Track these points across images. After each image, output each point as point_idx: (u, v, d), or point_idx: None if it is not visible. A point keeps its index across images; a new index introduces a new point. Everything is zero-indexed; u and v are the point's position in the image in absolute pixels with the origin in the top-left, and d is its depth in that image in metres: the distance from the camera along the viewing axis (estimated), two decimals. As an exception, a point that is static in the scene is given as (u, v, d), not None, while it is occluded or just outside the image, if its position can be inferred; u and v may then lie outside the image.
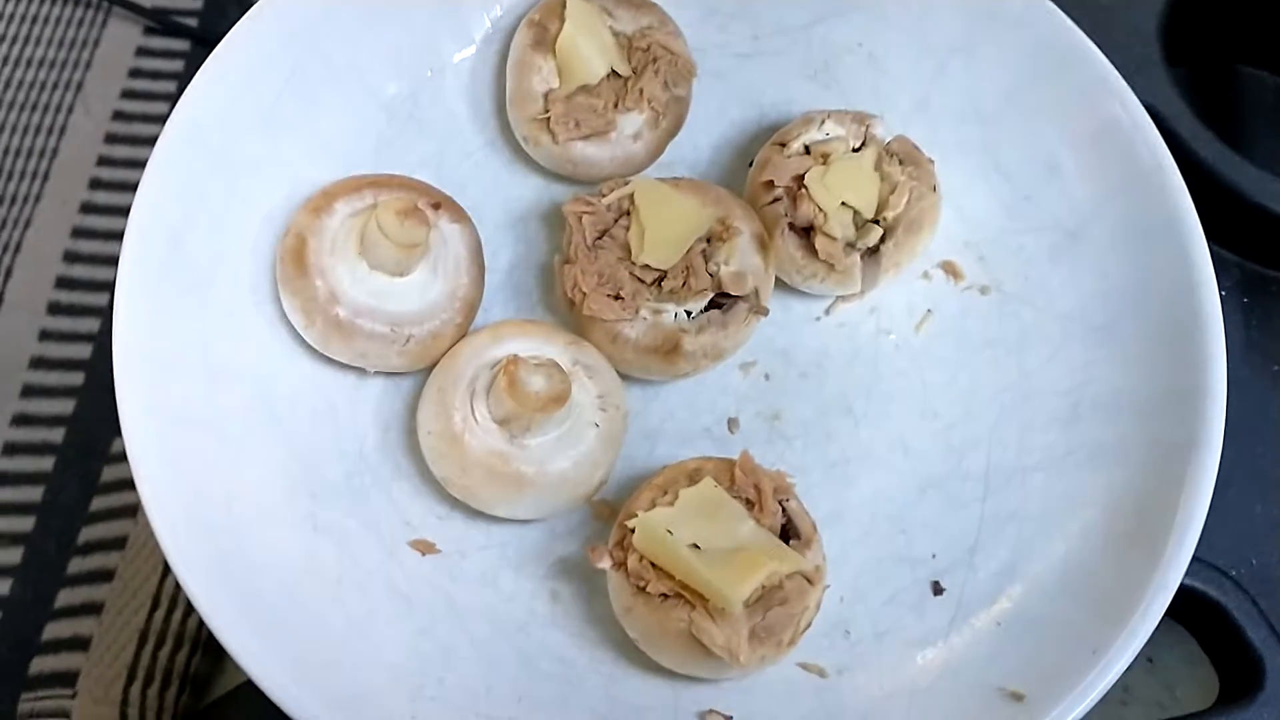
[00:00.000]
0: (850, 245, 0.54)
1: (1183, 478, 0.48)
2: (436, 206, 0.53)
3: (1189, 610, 0.54)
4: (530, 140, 0.56)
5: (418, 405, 0.51)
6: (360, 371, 0.52)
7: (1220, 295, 0.52)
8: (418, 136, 0.57)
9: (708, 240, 0.53)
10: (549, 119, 0.55)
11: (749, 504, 0.48)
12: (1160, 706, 0.56)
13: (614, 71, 0.56)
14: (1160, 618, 0.45)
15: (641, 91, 0.56)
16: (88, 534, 0.58)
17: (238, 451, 0.48)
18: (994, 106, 0.57)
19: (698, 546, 0.46)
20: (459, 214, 0.53)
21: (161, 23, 0.76)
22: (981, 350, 0.55)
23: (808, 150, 0.55)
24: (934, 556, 0.51)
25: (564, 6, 0.55)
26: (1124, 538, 0.48)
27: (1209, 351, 0.49)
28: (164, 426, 0.46)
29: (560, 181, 0.57)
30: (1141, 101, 0.55)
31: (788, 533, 0.48)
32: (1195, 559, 0.47)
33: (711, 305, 0.52)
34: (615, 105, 0.56)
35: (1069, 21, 0.55)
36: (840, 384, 0.55)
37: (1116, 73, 0.55)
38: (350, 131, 0.55)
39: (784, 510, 0.48)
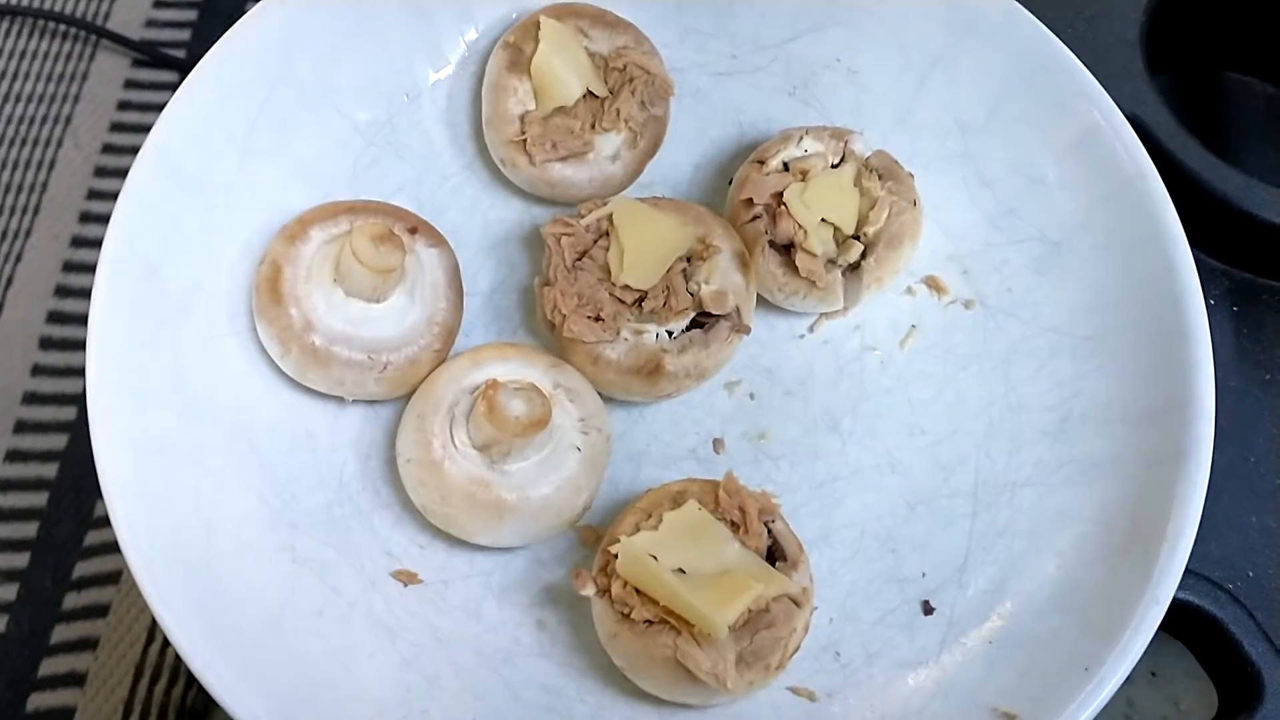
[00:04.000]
0: (831, 262, 0.54)
1: (1173, 490, 0.47)
2: (413, 231, 0.52)
3: (1185, 625, 0.53)
4: (508, 163, 0.56)
5: (397, 433, 0.50)
6: (339, 400, 0.51)
7: (1209, 304, 0.51)
8: (395, 161, 0.56)
9: (688, 259, 0.53)
10: (526, 141, 0.55)
11: (734, 526, 0.47)
12: (1164, 721, 0.56)
13: (590, 92, 0.56)
14: (1153, 634, 0.45)
15: (618, 112, 0.55)
16: (82, 569, 0.58)
17: (215, 483, 0.48)
18: (975, 118, 0.57)
19: (683, 571, 0.45)
20: (436, 238, 0.53)
21: (149, 55, 0.76)
22: (967, 365, 0.54)
23: (786, 167, 0.55)
24: (924, 575, 0.50)
25: (539, 28, 0.55)
26: (1115, 553, 0.47)
27: (1196, 362, 0.49)
28: (139, 459, 0.46)
29: (539, 203, 0.57)
30: (1124, 110, 0.54)
31: (774, 554, 0.47)
32: (1189, 572, 0.47)
33: (693, 325, 0.52)
34: (592, 126, 0.55)
35: (1048, 31, 0.55)
36: (826, 402, 0.54)
37: (1096, 82, 0.54)
38: (327, 157, 0.55)
39: (770, 531, 0.48)
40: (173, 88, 0.75)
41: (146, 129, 0.74)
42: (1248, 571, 0.54)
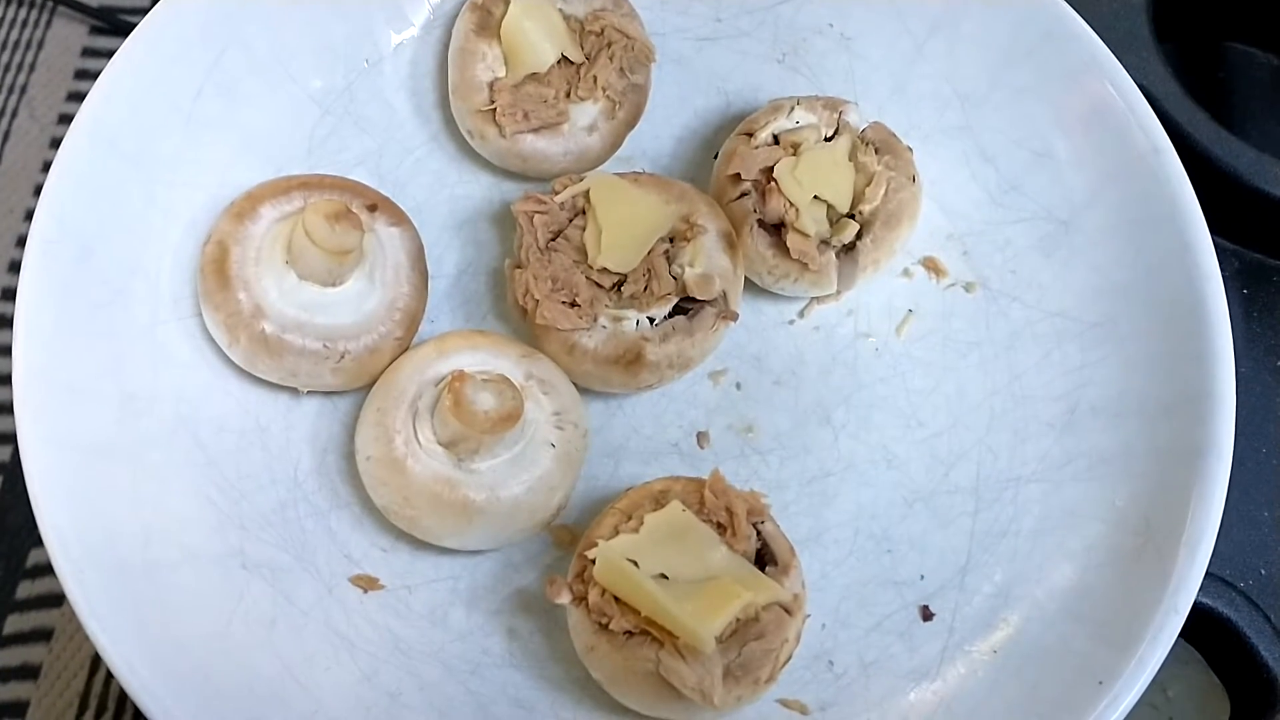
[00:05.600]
0: (824, 242, 0.51)
1: (1190, 489, 0.45)
2: (372, 208, 0.49)
3: (1196, 628, 0.51)
4: (476, 134, 0.53)
5: (356, 427, 0.47)
6: (292, 392, 0.48)
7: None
8: (354, 132, 0.53)
9: (670, 240, 0.50)
10: (495, 111, 0.52)
11: (720, 528, 0.45)
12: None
13: (565, 58, 0.53)
14: (1171, 644, 0.42)
15: (595, 79, 0.53)
16: (25, 589, 0.54)
17: (156, 483, 0.44)
18: (977, 89, 0.54)
19: (665, 577, 0.43)
20: (398, 216, 0.50)
21: (108, 22, 0.74)
22: (968, 352, 0.52)
23: (776, 140, 0.52)
24: (922, 578, 0.48)
25: None
26: (1128, 556, 0.45)
27: (1215, 351, 0.46)
28: (70, 458, 0.43)
29: (510, 179, 0.54)
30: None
31: (763, 558, 0.45)
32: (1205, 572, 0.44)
33: (676, 311, 0.50)
34: (567, 95, 0.53)
35: None
36: (817, 392, 0.52)
37: (1108, 50, 0.52)
38: (279, 128, 0.52)
39: (759, 534, 0.45)
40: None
41: (105, 98, 0.76)
42: (1260, 569, 0.52)
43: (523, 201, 0.50)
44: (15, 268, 0.64)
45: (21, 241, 0.65)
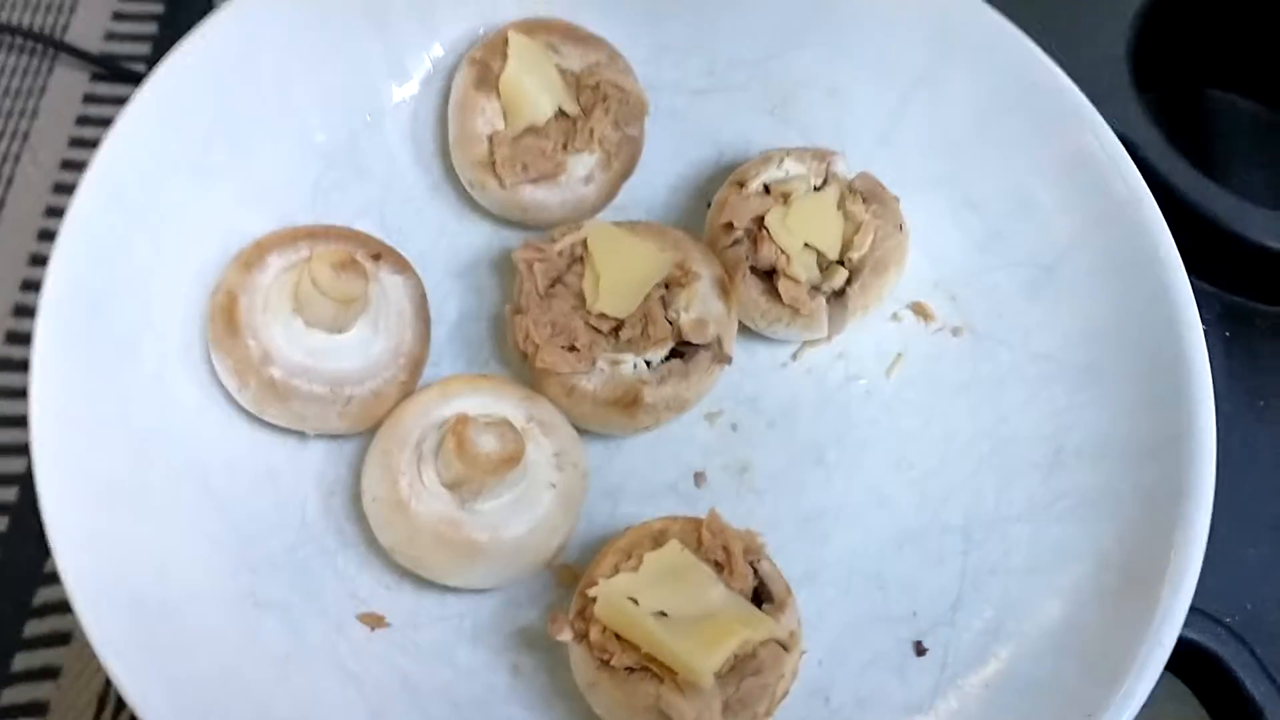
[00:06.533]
0: (815, 288, 0.53)
1: (1173, 530, 0.46)
2: (376, 257, 0.50)
3: (1183, 662, 0.52)
4: (476, 185, 0.54)
5: (362, 469, 0.48)
6: (300, 435, 0.49)
7: (1202, 330, 0.50)
8: (357, 183, 0.55)
9: (666, 286, 0.52)
10: (495, 162, 0.53)
11: (718, 566, 0.46)
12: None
13: (562, 111, 0.54)
14: (1157, 677, 0.43)
15: (592, 131, 0.54)
16: (33, 627, 0.55)
17: (169, 525, 0.46)
18: (961, 139, 0.56)
19: (665, 614, 0.44)
20: (401, 264, 0.51)
21: (109, 68, 0.75)
22: (956, 395, 0.53)
23: (768, 190, 0.54)
24: (915, 615, 0.49)
25: (507, 44, 0.54)
26: (1114, 593, 0.46)
27: (1195, 395, 0.48)
28: (86, 501, 0.44)
29: (509, 227, 0.56)
30: (1112, 129, 0.53)
31: (760, 596, 0.46)
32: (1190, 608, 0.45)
33: (672, 354, 0.51)
34: (564, 146, 0.54)
35: (1036, 49, 0.54)
36: (810, 433, 0.53)
37: (1088, 101, 0.53)
38: (285, 179, 0.53)
39: (756, 572, 0.46)
40: (132, 102, 0.76)
41: (107, 144, 0.76)
42: (1246, 604, 0.53)
43: (523, 249, 0.51)
44: (20, 311, 0.65)
45: (26, 285, 0.67)
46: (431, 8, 0.56)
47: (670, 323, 0.50)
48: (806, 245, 0.52)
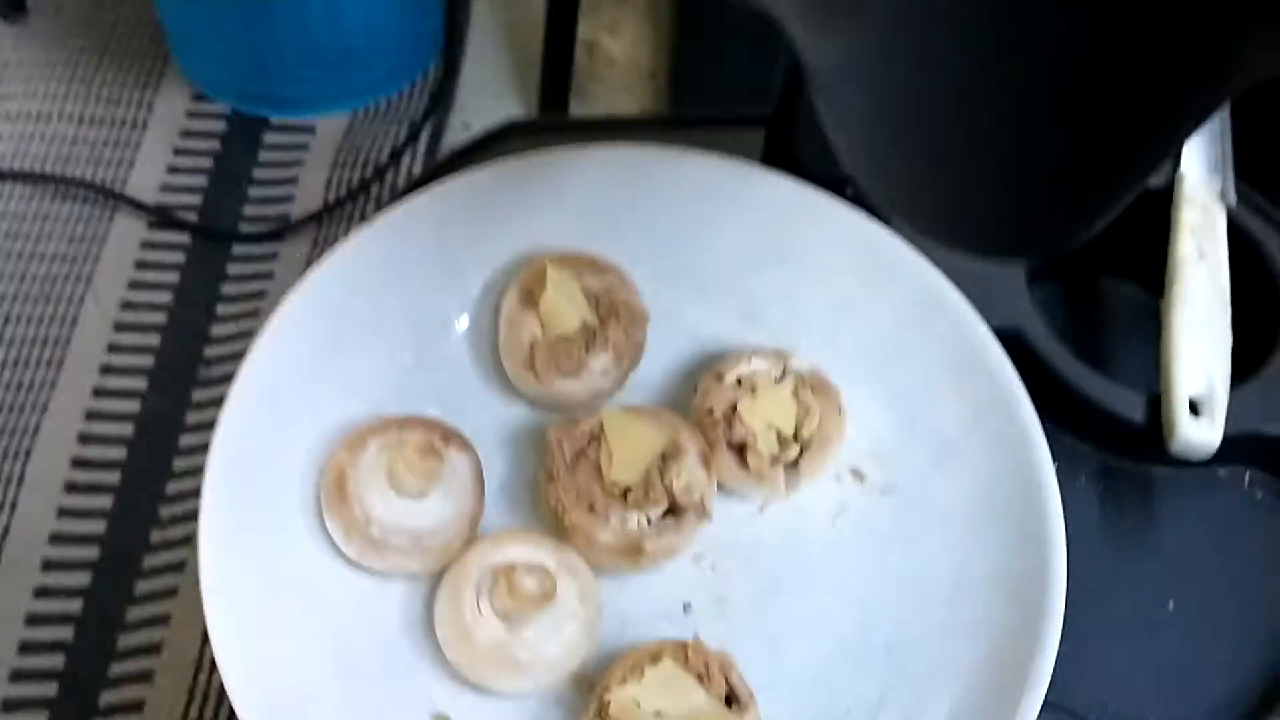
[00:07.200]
0: (776, 459, 0.63)
1: (1034, 644, 0.59)
2: (446, 440, 0.65)
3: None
4: (519, 379, 0.68)
5: (434, 602, 0.62)
6: (387, 575, 0.63)
7: (1079, 484, 0.66)
8: (431, 378, 0.69)
9: (663, 458, 0.61)
10: (534, 362, 0.67)
11: (700, 678, 0.59)
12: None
13: (584, 322, 0.66)
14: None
15: (607, 338, 0.66)
16: (108, 698, 0.63)
17: (297, 648, 0.60)
18: (886, 343, 0.68)
19: (660, 714, 0.57)
20: (464, 445, 0.65)
21: (163, 217, 0.80)
22: (885, 540, 0.65)
23: (740, 382, 0.67)
24: (848, 712, 0.62)
25: (545, 273, 0.68)
26: (990, 692, 0.59)
27: (1052, 542, 0.61)
28: (243, 630, 0.58)
29: (544, 410, 0.69)
30: (1008, 323, 0.68)
31: (730, 699, 0.59)
32: (1059, 706, 0.59)
33: (667, 512, 0.61)
34: (586, 349, 0.65)
35: (940, 274, 0.68)
36: (774, 570, 0.64)
37: (979, 317, 0.67)
38: (376, 376, 0.67)
39: (728, 681, 0.59)
40: (185, 249, 0.81)
41: (162, 287, 0.80)
42: (1107, 704, 0.66)
43: (554, 430, 0.64)
44: (84, 439, 0.69)
45: (90, 415, 0.70)
46: (490, 243, 0.71)
47: (666, 488, 0.61)
48: (769, 425, 0.63)
